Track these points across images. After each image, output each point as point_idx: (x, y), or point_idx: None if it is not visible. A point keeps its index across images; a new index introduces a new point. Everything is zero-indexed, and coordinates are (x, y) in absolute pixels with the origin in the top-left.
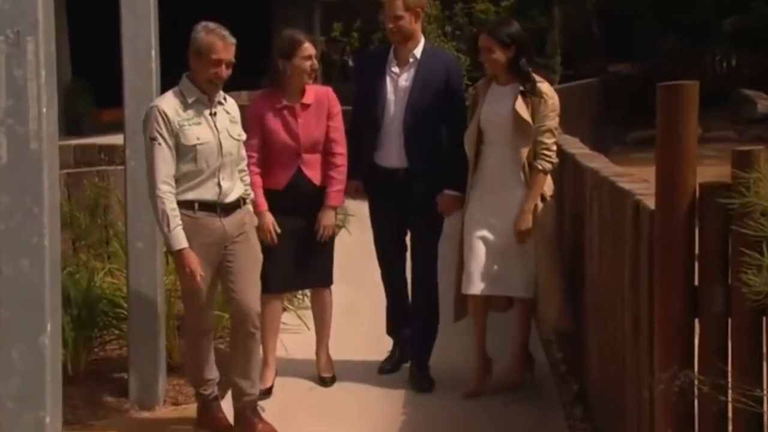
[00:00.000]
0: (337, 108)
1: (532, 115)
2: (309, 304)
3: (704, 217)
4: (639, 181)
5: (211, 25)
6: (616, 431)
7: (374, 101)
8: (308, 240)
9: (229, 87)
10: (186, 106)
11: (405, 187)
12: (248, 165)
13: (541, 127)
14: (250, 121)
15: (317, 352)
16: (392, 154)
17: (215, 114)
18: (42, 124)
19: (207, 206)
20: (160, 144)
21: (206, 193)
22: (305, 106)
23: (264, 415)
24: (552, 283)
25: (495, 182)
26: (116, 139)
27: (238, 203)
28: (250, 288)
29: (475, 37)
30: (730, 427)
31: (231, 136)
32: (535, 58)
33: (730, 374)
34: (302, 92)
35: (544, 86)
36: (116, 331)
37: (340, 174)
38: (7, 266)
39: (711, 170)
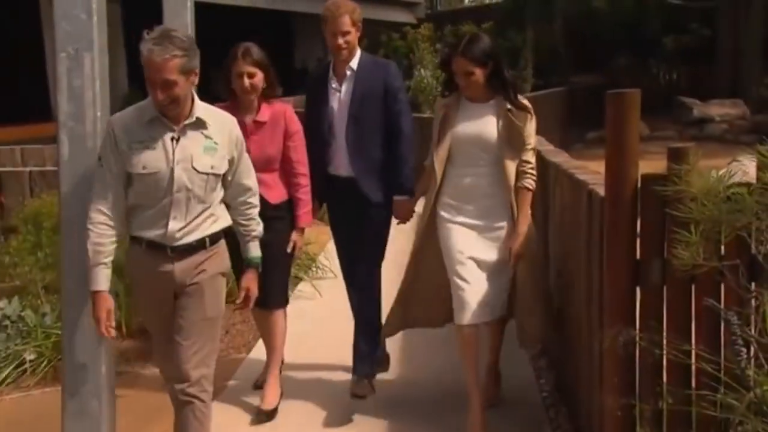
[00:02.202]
0: (296, 126)
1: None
2: (321, 275)
3: (644, 202)
4: (592, 173)
5: (157, 31)
6: (574, 378)
7: (322, 118)
8: (264, 261)
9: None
10: (142, 126)
11: (356, 195)
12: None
13: (527, 145)
14: None
15: (265, 381)
16: (342, 164)
17: (178, 139)
18: (97, 125)
19: (155, 246)
20: (101, 166)
21: (152, 231)
22: (259, 124)
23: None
24: (535, 305)
25: (477, 203)
26: None
27: (200, 245)
28: (194, 354)
29: (446, 59)
30: (664, 375)
31: (194, 167)
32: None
33: (665, 332)
34: (257, 109)
35: (526, 101)
36: None
37: (305, 194)
38: (69, 244)
39: (656, 163)
